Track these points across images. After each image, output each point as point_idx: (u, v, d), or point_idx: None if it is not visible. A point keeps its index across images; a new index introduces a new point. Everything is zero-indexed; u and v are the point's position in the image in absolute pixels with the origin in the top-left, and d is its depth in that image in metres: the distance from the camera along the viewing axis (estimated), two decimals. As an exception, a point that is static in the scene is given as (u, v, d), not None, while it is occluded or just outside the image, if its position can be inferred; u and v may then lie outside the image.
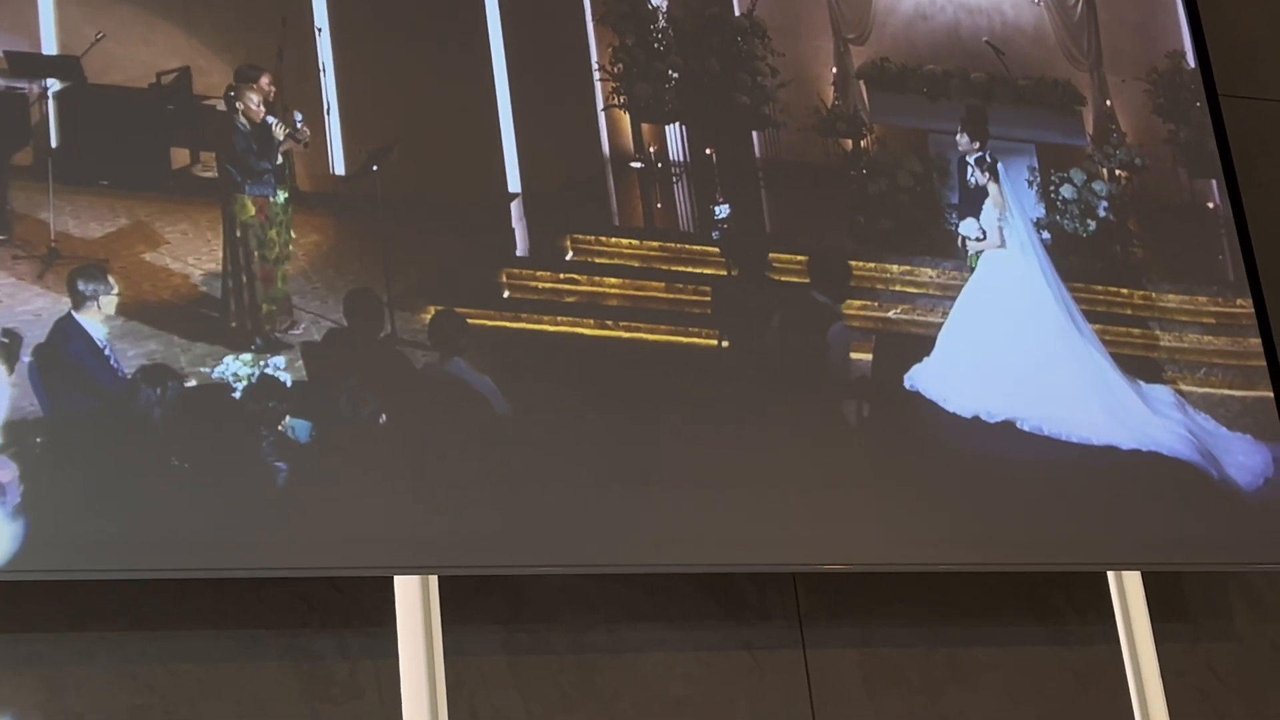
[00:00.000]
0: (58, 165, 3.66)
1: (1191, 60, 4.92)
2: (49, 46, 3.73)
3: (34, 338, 3.48)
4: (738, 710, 4.01)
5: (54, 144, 3.69)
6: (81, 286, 3.55)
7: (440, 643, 3.71)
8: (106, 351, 3.54)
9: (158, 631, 3.57)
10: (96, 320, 3.55)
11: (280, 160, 3.84)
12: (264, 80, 3.85)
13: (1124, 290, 4.61)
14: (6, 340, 3.45)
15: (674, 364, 4.05)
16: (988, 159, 4.52)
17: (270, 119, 3.84)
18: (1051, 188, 4.62)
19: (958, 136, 4.55)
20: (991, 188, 4.49)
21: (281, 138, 3.84)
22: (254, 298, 3.73)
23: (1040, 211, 4.60)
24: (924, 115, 4.58)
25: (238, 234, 3.75)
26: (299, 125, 3.85)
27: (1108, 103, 4.80)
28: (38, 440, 3.42)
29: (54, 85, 3.71)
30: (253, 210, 3.78)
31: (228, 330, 3.68)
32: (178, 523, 3.47)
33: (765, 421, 4.05)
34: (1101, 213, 4.65)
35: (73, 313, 3.54)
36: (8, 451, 3.38)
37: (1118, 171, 4.73)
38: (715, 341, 4.12)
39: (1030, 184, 4.62)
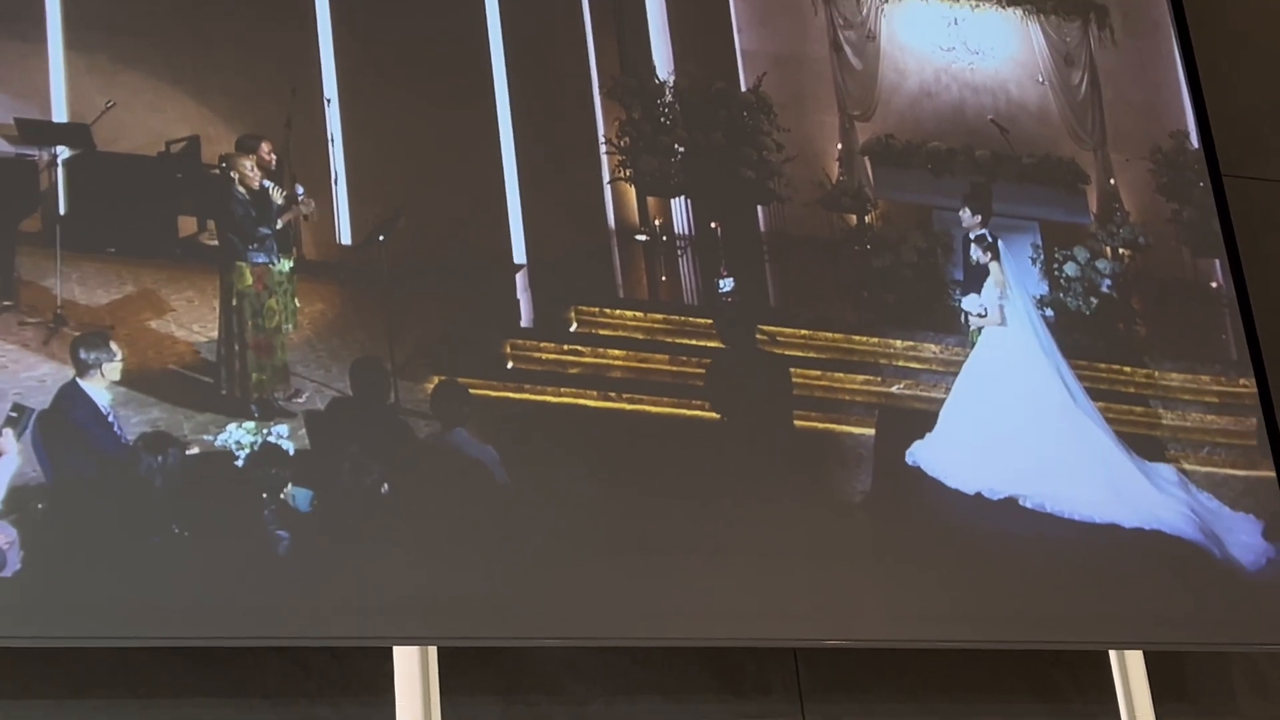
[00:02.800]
0: (66, 232, 3.68)
1: (1195, 140, 4.95)
2: (59, 114, 3.76)
3: (39, 404, 3.49)
4: (736, 786, 3.99)
5: (62, 211, 3.71)
6: (84, 355, 3.56)
7: (438, 714, 3.70)
8: (110, 418, 3.55)
9: (157, 699, 3.55)
10: (100, 387, 3.56)
11: (280, 225, 3.86)
12: (264, 148, 3.88)
13: (1127, 368, 4.62)
14: (15, 414, 3.45)
15: (677, 436, 4.05)
16: (988, 237, 4.53)
17: (267, 183, 3.86)
18: (1055, 265, 4.64)
19: (961, 212, 4.57)
20: (993, 266, 4.50)
21: (280, 201, 3.86)
22: (244, 366, 3.73)
23: (1044, 289, 4.61)
24: (928, 191, 4.61)
25: (234, 302, 3.77)
26: (300, 196, 3.87)
27: (1111, 181, 4.82)
28: (39, 506, 3.42)
29: (63, 152, 3.73)
30: (250, 279, 3.80)
31: (229, 399, 3.69)
32: (178, 590, 3.46)
33: (767, 495, 4.05)
34: (1105, 290, 4.67)
35: (77, 380, 3.55)
36: (9, 517, 3.39)
37: (1121, 250, 4.75)
38: (718, 415, 4.13)
39: (1034, 261, 4.63)
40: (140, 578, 3.44)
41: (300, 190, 3.88)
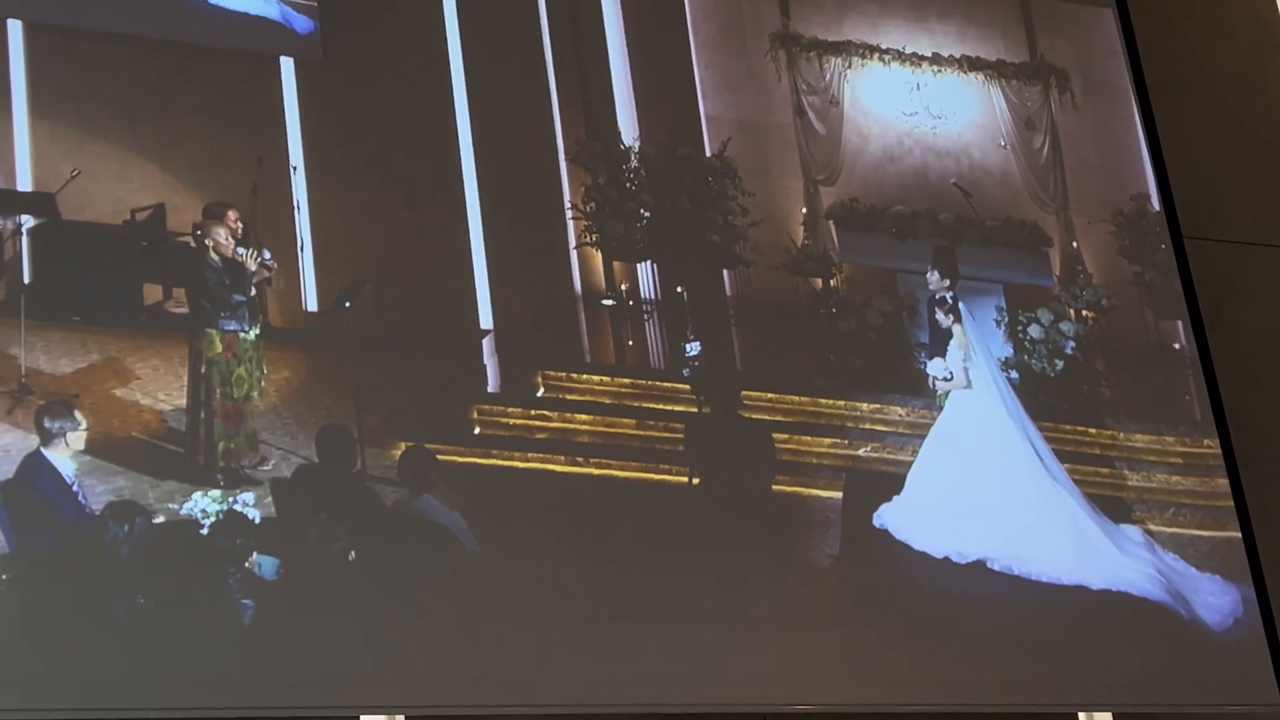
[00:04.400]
0: (30, 300, 3.66)
1: (1156, 203, 4.99)
2: (24, 183, 3.75)
3: (2, 474, 3.47)
4: None
5: (27, 279, 3.70)
6: (48, 424, 3.54)
7: (406, 783, 3.67)
8: (75, 488, 3.52)
9: (120, 772, 3.52)
10: (65, 456, 3.54)
11: (254, 292, 3.86)
12: (230, 216, 3.88)
13: (1092, 430, 4.63)
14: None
15: (645, 501, 4.05)
16: (948, 300, 4.55)
17: (241, 250, 3.85)
18: (1019, 327, 4.66)
19: (929, 275, 4.59)
20: (955, 329, 4.52)
21: (254, 268, 3.85)
22: (210, 434, 3.72)
23: (1008, 351, 4.63)
24: (893, 255, 4.63)
25: (202, 370, 3.76)
26: (267, 259, 3.87)
27: (1074, 244, 4.86)
28: (3, 577, 3.39)
29: (28, 221, 3.72)
30: (220, 347, 3.79)
31: (195, 467, 3.67)
32: (143, 661, 3.43)
33: (735, 559, 4.04)
34: (1069, 352, 4.69)
35: (41, 449, 3.52)
36: (-28, 588, 3.36)
37: (1085, 312, 4.78)
38: (686, 478, 4.13)
39: (998, 324, 4.66)
40: (105, 649, 3.41)
41: (267, 255, 3.88)
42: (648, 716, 3.96)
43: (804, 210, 4.57)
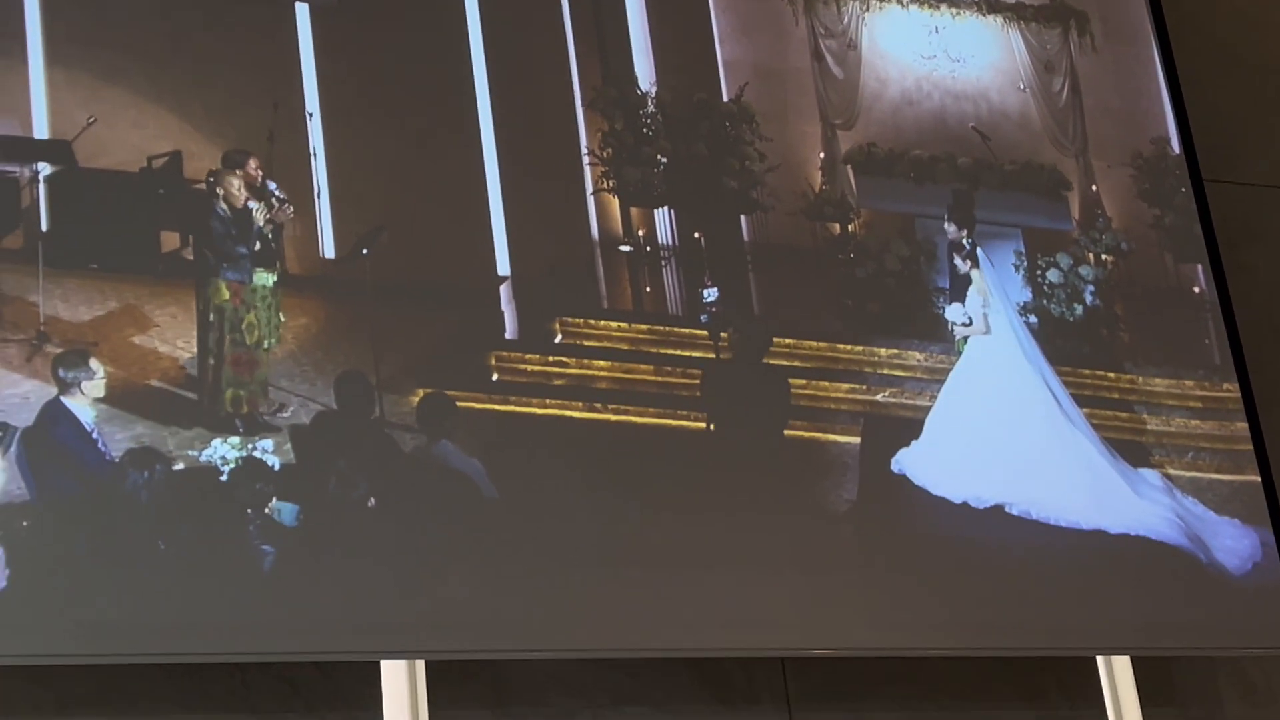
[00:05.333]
0: (48, 249, 3.67)
1: (1176, 146, 4.96)
2: (40, 130, 3.75)
3: (22, 421, 3.48)
4: (726, 796, 3.99)
5: (44, 227, 3.70)
6: (63, 373, 3.55)
7: (427, 728, 3.70)
8: (94, 435, 3.54)
9: (142, 717, 3.54)
10: (84, 404, 3.55)
11: (258, 246, 3.85)
12: (250, 164, 3.87)
13: (1111, 374, 4.62)
14: (0, 433, 3.45)
15: (662, 447, 4.05)
16: (966, 245, 4.54)
17: (252, 204, 3.85)
18: (1038, 272, 4.65)
19: (945, 224, 4.58)
20: (974, 275, 4.51)
21: (262, 223, 3.85)
22: (222, 381, 3.72)
23: (1027, 296, 4.62)
24: (911, 199, 4.61)
25: (210, 318, 3.76)
26: (277, 195, 3.86)
27: (1093, 188, 4.84)
28: (24, 524, 3.41)
29: (45, 169, 3.72)
30: (227, 295, 3.79)
31: (214, 414, 3.68)
32: (163, 606, 3.45)
33: (753, 504, 4.05)
34: (1088, 297, 4.67)
35: (60, 397, 3.54)
36: (-6, 535, 3.38)
37: (1104, 256, 4.76)
38: (703, 424, 4.13)
39: (1017, 268, 4.64)
40: (126, 594, 3.43)
41: (274, 186, 3.86)
42: (665, 660, 3.98)
43: (821, 155, 4.55)
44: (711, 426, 4.11)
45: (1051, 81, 4.91)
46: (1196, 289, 4.84)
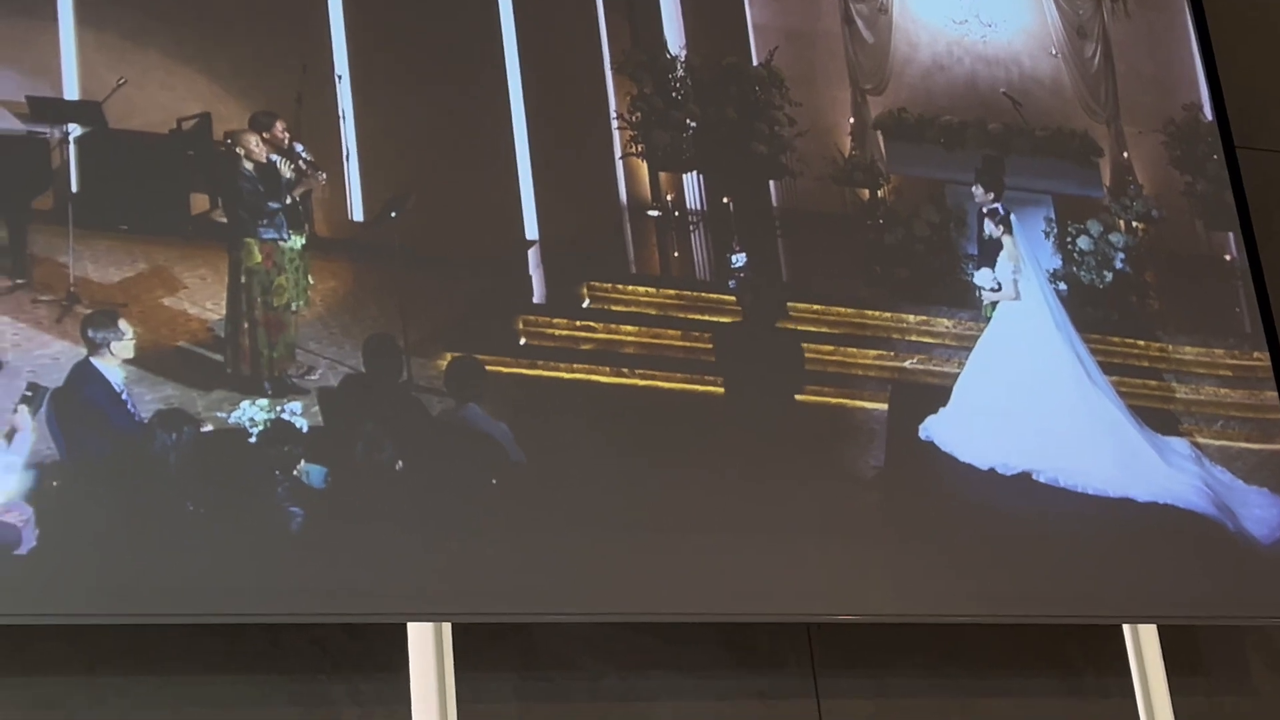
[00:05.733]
0: (78, 210, 3.67)
1: (1208, 112, 4.93)
2: (71, 91, 3.75)
3: (52, 382, 3.49)
4: (751, 760, 4.00)
5: (74, 188, 3.71)
6: (92, 334, 3.56)
7: (453, 690, 3.70)
8: (124, 396, 3.55)
9: (170, 677, 3.56)
10: (113, 365, 3.56)
11: (290, 200, 3.86)
12: (278, 126, 3.87)
13: (1140, 342, 4.61)
14: (30, 393, 3.46)
15: (689, 412, 4.05)
16: (1000, 211, 4.52)
17: (274, 158, 3.85)
18: (1068, 239, 4.63)
19: (973, 188, 4.56)
20: (1005, 240, 4.49)
21: (289, 175, 3.85)
22: (254, 344, 3.73)
23: (1057, 263, 4.60)
24: (941, 165, 4.59)
25: (242, 280, 3.76)
26: (303, 157, 3.85)
27: (1125, 154, 4.81)
28: (54, 484, 3.43)
29: (75, 130, 3.73)
30: (259, 256, 3.79)
31: (243, 376, 3.69)
32: (192, 567, 3.47)
33: (780, 471, 4.05)
34: (1118, 264, 4.65)
35: (90, 358, 3.55)
36: (24, 495, 3.39)
37: (1135, 223, 4.74)
38: (730, 390, 4.12)
39: (1047, 235, 4.62)
40: (155, 555, 3.45)
41: (301, 148, 3.86)
42: (692, 625, 3.99)
43: (851, 120, 4.54)
44: (737, 393, 4.11)
45: (1084, 47, 4.88)
46: (1227, 256, 4.82)
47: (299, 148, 3.87)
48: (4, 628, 3.40)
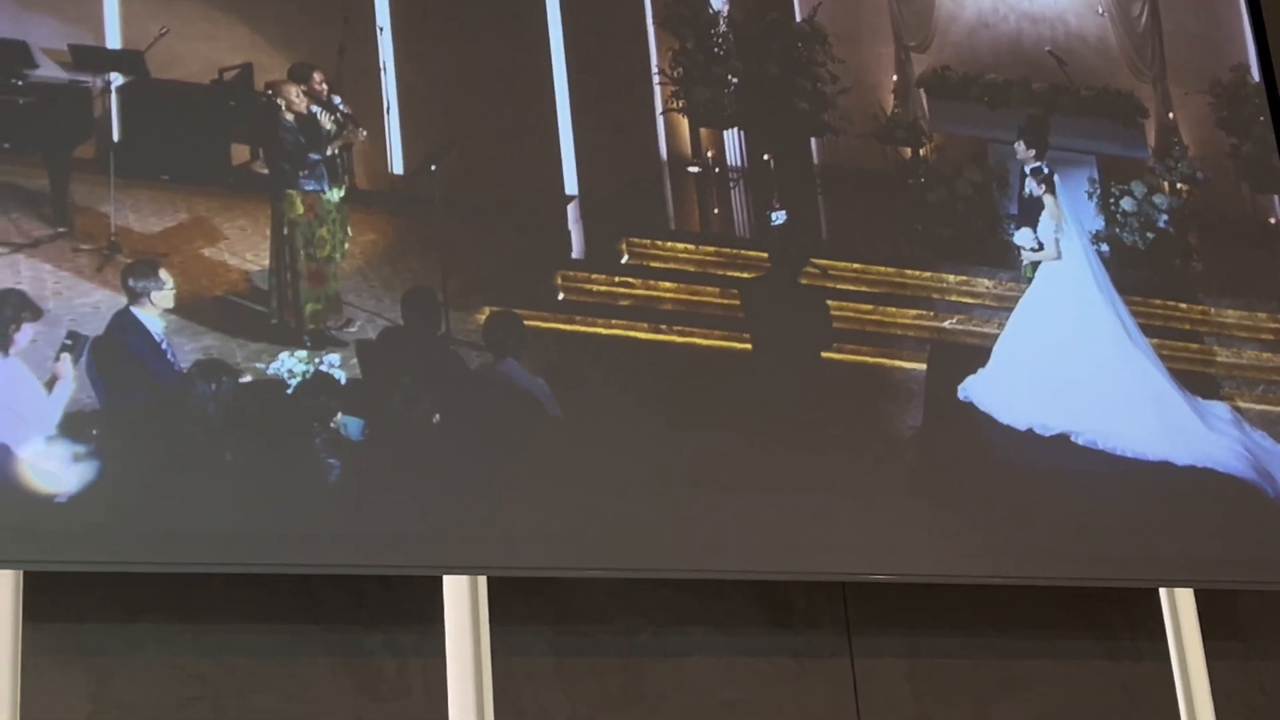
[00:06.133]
0: (119, 159, 3.68)
1: (1256, 73, 4.88)
2: (113, 41, 3.75)
3: (93, 331, 3.51)
4: (783, 717, 4.00)
5: (116, 138, 3.71)
6: (133, 283, 3.57)
7: (488, 642, 3.72)
8: (163, 345, 3.56)
9: (208, 625, 3.58)
10: (153, 315, 3.58)
11: (330, 152, 3.85)
12: (316, 78, 3.87)
13: (1182, 305, 4.58)
14: (70, 341, 3.48)
15: (727, 369, 4.04)
16: (1044, 170, 4.49)
17: (314, 109, 3.84)
18: (1111, 200, 4.60)
19: (1016, 144, 4.53)
20: (1048, 199, 4.46)
21: (329, 126, 3.85)
22: (297, 295, 3.74)
23: (1099, 224, 4.57)
24: (984, 124, 4.56)
25: (284, 231, 3.77)
26: (341, 109, 3.85)
27: (1170, 115, 4.77)
28: (93, 432, 3.45)
29: (117, 79, 3.73)
30: (301, 208, 3.79)
31: (282, 327, 3.70)
32: (230, 517, 3.49)
33: (817, 429, 4.04)
34: (1161, 225, 4.62)
35: (130, 308, 3.56)
36: (64, 442, 3.41)
37: (1179, 184, 4.70)
38: (768, 348, 4.11)
39: (1090, 196, 4.59)
40: (193, 504, 3.46)
41: (338, 101, 3.86)
42: (727, 582, 3.99)
43: (894, 78, 4.50)
44: (774, 351, 4.09)
45: (1130, 5, 4.83)
46: (1272, 220, 4.78)
47: (336, 100, 3.87)
48: (43, 575, 3.43)
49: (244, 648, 3.60)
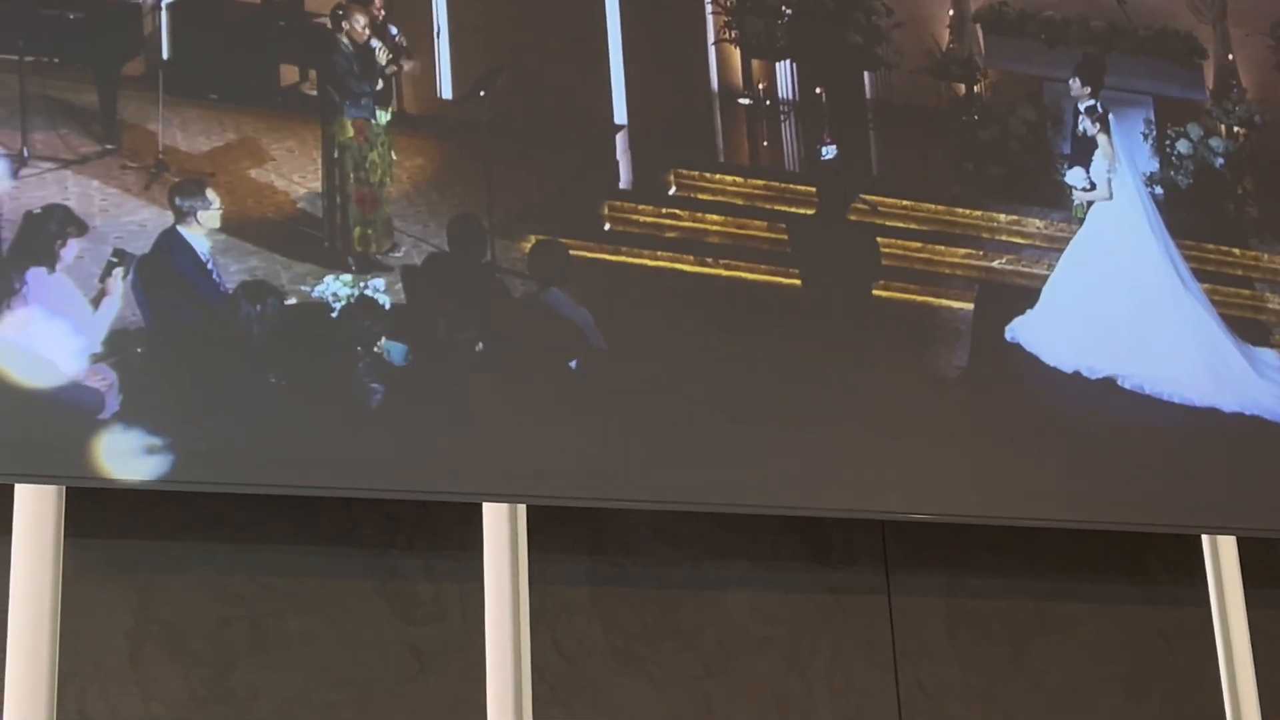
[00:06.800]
0: (168, 77, 3.67)
1: (1319, 16, 4.80)
2: (164, -42, 3.74)
3: (139, 249, 3.51)
4: (819, 653, 4.00)
5: (165, 55, 3.70)
6: (180, 202, 3.57)
7: (525, 570, 3.73)
8: (209, 265, 3.57)
9: (248, 545, 3.61)
10: (200, 234, 3.58)
11: (380, 85, 3.83)
12: (375, 3, 3.84)
13: (1235, 250, 4.52)
14: (116, 259, 3.48)
15: (772, 304, 4.02)
16: (1098, 109, 4.43)
17: (375, 43, 3.82)
18: (1167, 142, 4.54)
19: (1070, 81, 4.47)
20: (1101, 139, 4.41)
21: (384, 62, 3.83)
22: (347, 219, 3.73)
23: (1154, 166, 4.51)
24: (1040, 62, 4.50)
25: (335, 155, 3.76)
26: (396, 39, 3.82)
27: (1229, 57, 4.69)
28: (138, 350, 3.46)
29: (167, -3, 3.72)
30: (351, 132, 3.78)
31: (327, 250, 3.69)
32: (272, 438, 3.50)
33: (862, 367, 4.02)
34: (1217, 169, 4.56)
35: (177, 226, 3.56)
36: (109, 360, 3.42)
37: (1236, 128, 4.63)
38: (813, 284, 4.08)
39: (1145, 137, 4.53)
40: (236, 425, 3.48)
41: (394, 31, 3.83)
42: (766, 517, 3.99)
43: (950, 12, 4.45)
44: (820, 287, 4.07)
45: (1191, -55, 4.75)
46: (1330, 166, 4.71)
47: (393, 30, 3.85)
48: (86, 490, 3.45)
49: (283, 568, 3.62)
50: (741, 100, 4.20)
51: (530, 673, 3.70)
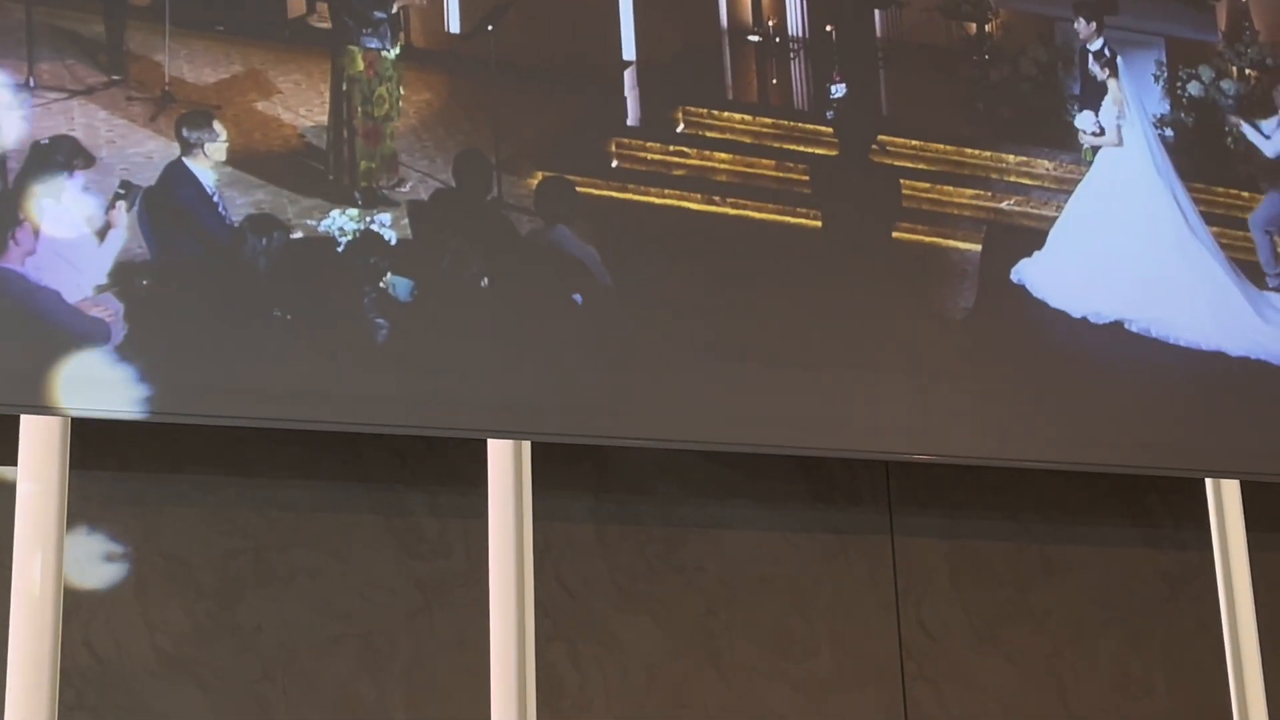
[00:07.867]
0: (175, 8, 3.65)
1: (1334, -42, 4.76)
2: (171, -113, 3.71)
3: (145, 180, 3.50)
4: (822, 593, 4.01)
5: (172, -14, 3.68)
6: (187, 133, 3.56)
7: (530, 507, 3.74)
8: (215, 198, 3.56)
9: (253, 478, 3.61)
10: (206, 167, 3.56)
11: (396, 10, 3.81)
12: (387, -69, 3.83)
13: (1245, 193, 4.50)
14: (123, 190, 3.47)
15: (779, 243, 4.01)
16: (1106, 53, 4.40)
17: None
18: (1178, 84, 4.51)
19: (1075, 23, 4.44)
20: (1110, 83, 4.38)
21: (394, -6, 3.81)
22: (352, 153, 3.72)
23: (1165, 108, 4.48)
24: (1052, 1, 4.47)
25: (344, 88, 3.74)
26: None
27: (1242, -1, 4.67)
28: (143, 282, 3.45)
29: (174, -74, 3.69)
30: (361, 65, 3.76)
31: (334, 184, 3.68)
32: (277, 372, 3.50)
33: (867, 307, 4.01)
34: (1228, 112, 4.53)
35: (183, 158, 3.55)
36: (114, 290, 3.42)
37: (1247, 70, 4.60)
38: (821, 223, 4.07)
39: (1156, 79, 4.50)
40: (241, 358, 3.48)
41: None
42: (770, 456, 3.99)
43: (962, -50, 4.42)
44: (828, 226, 4.06)
45: (1206, -117, 4.71)
46: (1342, 109, 4.69)
47: None
48: (91, 421, 3.45)
49: (287, 502, 3.63)
50: (751, 37, 4.17)
51: (534, 609, 3.71)
